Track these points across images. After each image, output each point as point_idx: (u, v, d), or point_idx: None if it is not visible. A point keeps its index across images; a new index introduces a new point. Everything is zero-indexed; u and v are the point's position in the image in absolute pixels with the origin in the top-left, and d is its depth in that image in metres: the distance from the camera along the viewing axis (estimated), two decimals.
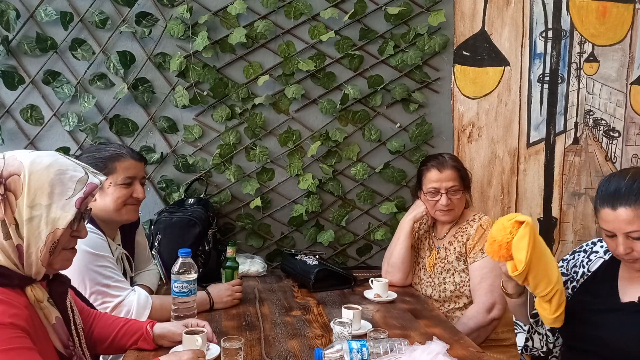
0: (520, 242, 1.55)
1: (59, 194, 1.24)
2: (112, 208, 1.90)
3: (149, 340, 1.61)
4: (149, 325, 1.63)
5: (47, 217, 1.23)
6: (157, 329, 1.63)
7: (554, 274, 1.60)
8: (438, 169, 2.25)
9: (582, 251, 1.82)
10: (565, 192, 2.97)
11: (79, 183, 1.27)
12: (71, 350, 1.32)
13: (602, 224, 1.58)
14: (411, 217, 2.35)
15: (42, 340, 1.25)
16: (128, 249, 2.06)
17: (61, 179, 1.25)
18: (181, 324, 1.66)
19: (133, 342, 1.61)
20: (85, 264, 1.75)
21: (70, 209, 1.25)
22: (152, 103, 2.66)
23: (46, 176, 1.24)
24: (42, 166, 1.24)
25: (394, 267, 2.35)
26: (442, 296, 2.26)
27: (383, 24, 2.74)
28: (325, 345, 1.65)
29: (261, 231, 2.79)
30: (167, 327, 1.64)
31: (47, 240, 1.23)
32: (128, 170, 1.92)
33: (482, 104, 2.87)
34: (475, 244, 2.21)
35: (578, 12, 2.88)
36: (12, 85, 2.55)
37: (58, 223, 1.24)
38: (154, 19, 2.60)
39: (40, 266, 1.25)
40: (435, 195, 2.26)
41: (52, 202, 1.23)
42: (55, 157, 1.29)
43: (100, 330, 1.59)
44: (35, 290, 1.26)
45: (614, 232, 1.55)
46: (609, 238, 1.59)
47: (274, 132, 2.75)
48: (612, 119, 2.96)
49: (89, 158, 1.90)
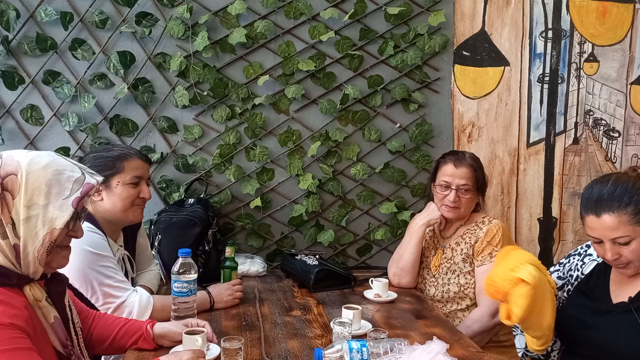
0: (519, 300, 1.55)
1: (56, 194, 1.24)
2: (120, 208, 1.90)
3: (149, 340, 1.61)
4: (149, 325, 1.63)
5: (45, 217, 1.23)
6: (157, 328, 1.63)
7: (546, 322, 1.61)
8: (454, 164, 2.24)
9: (577, 254, 1.83)
10: (565, 192, 2.97)
11: (76, 183, 1.28)
12: (70, 350, 1.32)
13: (588, 231, 1.59)
14: (424, 223, 2.30)
15: (41, 340, 1.25)
16: (130, 250, 2.06)
17: (58, 179, 1.26)
18: (181, 323, 1.66)
19: (133, 342, 1.60)
20: (87, 263, 1.75)
21: (67, 209, 1.25)
22: (152, 103, 2.66)
23: (43, 176, 1.24)
24: (40, 166, 1.25)
25: (404, 270, 2.32)
26: (445, 297, 2.26)
27: (383, 24, 2.74)
28: (325, 345, 1.65)
29: (261, 231, 2.79)
30: (167, 326, 1.64)
31: (44, 240, 1.24)
32: (136, 170, 1.92)
33: (482, 104, 2.87)
34: (484, 248, 2.19)
35: (578, 12, 2.88)
36: (12, 85, 2.55)
37: (55, 223, 1.24)
38: (154, 19, 2.60)
39: (37, 265, 1.25)
40: (446, 189, 2.24)
41: (49, 202, 1.24)
42: (53, 157, 1.29)
43: (100, 331, 1.59)
44: (33, 289, 1.27)
45: (600, 238, 1.56)
46: (596, 244, 1.60)
47: (274, 132, 2.75)
48: (612, 119, 2.96)
49: (97, 157, 1.90)
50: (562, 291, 1.80)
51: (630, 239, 1.52)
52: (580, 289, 1.74)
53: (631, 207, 1.51)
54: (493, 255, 2.17)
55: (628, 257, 1.54)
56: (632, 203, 1.51)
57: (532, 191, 2.95)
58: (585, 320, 1.64)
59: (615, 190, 1.53)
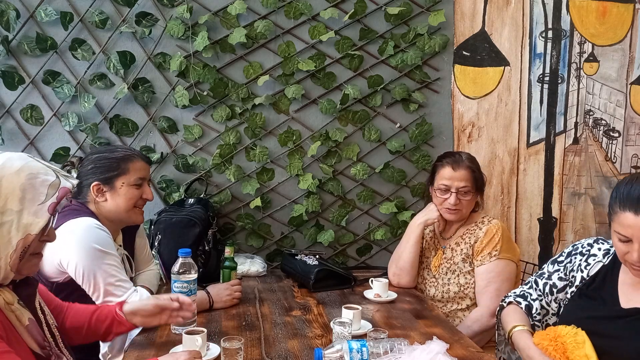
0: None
1: (30, 200, 1.21)
2: (124, 208, 1.92)
3: (122, 321, 1.57)
4: (117, 307, 1.59)
5: (19, 222, 1.20)
6: (126, 307, 1.58)
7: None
8: (452, 167, 2.24)
9: (579, 254, 1.75)
10: (565, 192, 2.97)
11: (51, 188, 1.24)
12: (48, 351, 1.30)
13: (619, 228, 1.51)
14: (422, 222, 2.31)
15: (15, 344, 1.22)
16: (128, 250, 2.06)
17: (32, 184, 1.22)
18: (152, 298, 1.63)
19: (107, 326, 1.56)
20: (93, 260, 1.75)
21: (43, 215, 1.22)
22: (152, 103, 2.66)
23: (17, 181, 1.20)
24: (13, 170, 1.21)
25: (403, 270, 2.33)
26: (445, 297, 2.26)
27: (383, 24, 2.74)
28: (325, 345, 1.65)
29: (261, 231, 2.79)
30: (135, 302, 1.61)
31: (17, 246, 1.20)
32: (140, 171, 1.94)
33: (482, 104, 2.87)
34: (484, 247, 2.19)
35: (578, 12, 2.88)
36: (12, 85, 2.55)
37: (30, 229, 1.21)
38: (154, 19, 2.60)
39: (9, 272, 1.22)
40: (445, 193, 2.24)
41: (23, 208, 1.20)
42: (26, 160, 1.25)
43: (72, 320, 1.55)
44: (4, 293, 1.23)
45: (631, 237, 1.48)
46: (622, 243, 1.52)
47: (274, 132, 2.75)
48: (612, 119, 2.96)
49: (101, 158, 1.91)
50: (564, 293, 1.74)
51: None
52: (584, 291, 1.68)
53: None
54: (492, 255, 2.17)
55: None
56: None
57: (532, 191, 2.95)
58: (591, 325, 1.57)
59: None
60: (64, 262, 1.76)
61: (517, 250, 2.28)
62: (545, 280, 1.78)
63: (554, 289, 1.76)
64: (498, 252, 2.17)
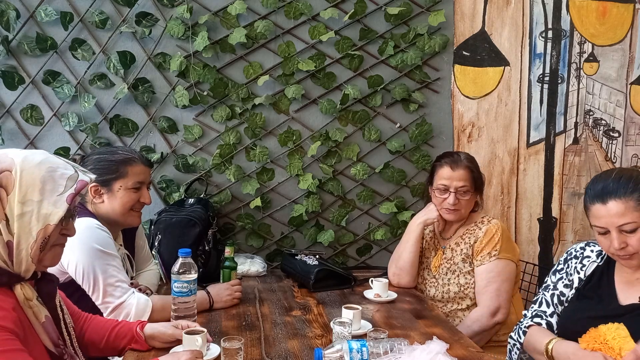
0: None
1: (50, 190, 1.26)
2: (119, 211, 1.92)
3: (140, 341, 1.61)
4: (138, 326, 1.63)
5: (39, 213, 1.24)
6: (147, 329, 1.62)
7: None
8: (451, 167, 2.24)
9: (574, 257, 1.79)
10: (565, 192, 2.97)
11: (70, 180, 1.29)
12: (62, 349, 1.32)
13: (594, 221, 1.59)
14: (421, 222, 2.32)
15: (31, 340, 1.24)
16: (129, 250, 2.06)
17: (52, 176, 1.27)
18: (171, 324, 1.66)
19: (126, 343, 1.61)
20: (94, 261, 1.76)
21: (61, 205, 1.26)
22: (152, 103, 2.66)
23: (37, 173, 1.25)
24: (34, 163, 1.26)
25: (403, 270, 2.33)
26: (445, 297, 2.26)
27: (383, 24, 2.74)
28: (325, 345, 1.65)
29: (261, 231, 2.79)
30: (157, 327, 1.64)
31: (38, 237, 1.24)
32: (139, 175, 1.94)
33: (482, 104, 2.87)
34: (484, 247, 2.19)
35: (578, 12, 2.88)
36: (12, 85, 2.55)
37: (50, 219, 1.25)
38: (154, 19, 2.60)
39: (30, 263, 1.25)
40: (444, 193, 2.24)
41: (43, 198, 1.25)
42: (46, 155, 1.31)
43: (92, 333, 1.58)
44: (24, 288, 1.26)
45: (607, 227, 1.55)
46: (601, 236, 1.59)
47: (274, 132, 2.75)
48: (612, 119, 2.96)
49: (100, 160, 1.91)
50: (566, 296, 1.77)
51: (636, 225, 1.52)
52: (582, 292, 1.71)
53: (636, 194, 1.52)
54: (492, 255, 2.17)
55: (634, 245, 1.53)
56: (637, 190, 1.52)
57: (532, 191, 2.95)
58: (591, 324, 1.59)
59: (620, 179, 1.55)
60: (65, 262, 1.76)
61: (516, 250, 2.28)
62: (552, 291, 1.80)
63: (562, 297, 1.77)
64: (498, 252, 2.17)
